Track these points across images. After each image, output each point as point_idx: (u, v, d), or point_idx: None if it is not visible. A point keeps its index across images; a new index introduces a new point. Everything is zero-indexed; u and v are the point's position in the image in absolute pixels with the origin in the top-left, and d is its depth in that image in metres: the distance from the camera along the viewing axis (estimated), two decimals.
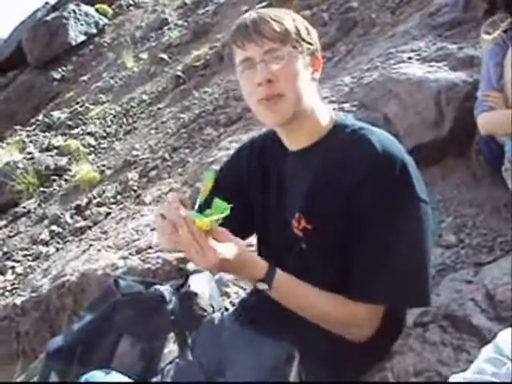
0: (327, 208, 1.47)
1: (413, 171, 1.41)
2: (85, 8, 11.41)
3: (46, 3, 12.85)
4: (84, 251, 3.94)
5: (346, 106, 3.42)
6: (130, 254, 3.34)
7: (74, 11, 11.17)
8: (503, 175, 2.38)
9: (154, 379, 1.73)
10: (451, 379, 1.02)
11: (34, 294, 3.69)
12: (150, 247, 3.30)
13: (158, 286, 2.01)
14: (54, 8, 12.01)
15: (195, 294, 1.85)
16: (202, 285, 1.96)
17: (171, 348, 2.00)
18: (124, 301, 1.87)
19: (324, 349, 1.46)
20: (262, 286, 1.43)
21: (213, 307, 1.85)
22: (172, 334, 1.94)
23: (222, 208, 1.35)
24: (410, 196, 1.39)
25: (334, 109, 3.39)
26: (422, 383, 0.89)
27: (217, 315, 1.81)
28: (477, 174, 2.65)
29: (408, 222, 1.40)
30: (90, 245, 4.03)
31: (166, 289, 2.03)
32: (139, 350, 1.82)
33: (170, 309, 1.91)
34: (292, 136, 1.55)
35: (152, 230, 3.61)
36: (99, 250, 3.70)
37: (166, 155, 5.63)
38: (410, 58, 3.59)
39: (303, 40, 1.47)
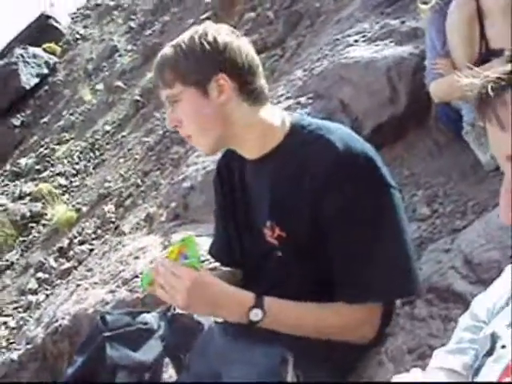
0: (296, 214, 1.45)
1: (377, 160, 1.41)
2: (32, 50, 11.31)
3: None
4: (72, 292, 3.90)
5: (302, 99, 3.42)
6: (117, 286, 3.31)
7: (22, 55, 11.07)
8: (465, 139, 2.39)
9: None
10: (435, 354, 1.02)
11: (29, 346, 3.64)
12: (136, 276, 3.27)
13: (144, 315, 2.00)
14: (1, 55, 11.90)
15: (181, 315, 1.83)
16: None
17: (170, 373, 1.99)
18: (113, 336, 1.86)
19: (318, 346, 1.45)
20: (255, 316, 1.41)
21: (201, 323, 1.83)
22: (167, 360, 1.93)
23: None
24: (379, 186, 1.39)
25: (290, 105, 3.40)
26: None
27: (206, 331, 1.80)
28: (440, 143, 2.66)
29: (384, 213, 1.39)
30: (78, 285, 3.99)
31: (153, 316, 2.01)
32: (137, 381, 1.80)
33: (160, 335, 1.90)
34: (242, 149, 1.55)
35: (135, 258, 3.58)
36: (87, 289, 3.66)
37: (138, 181, 5.60)
38: (356, 41, 3.61)
39: (191, 70, 1.43)
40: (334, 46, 3.81)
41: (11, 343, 4.48)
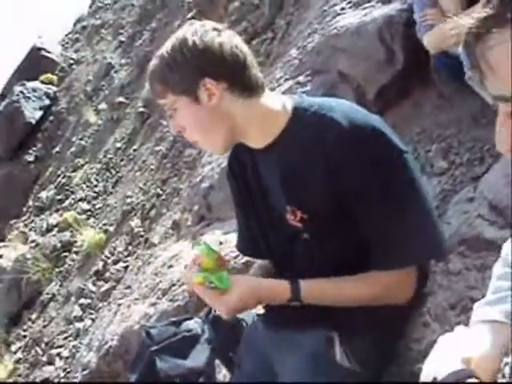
0: (313, 195, 1.45)
1: (383, 128, 1.39)
2: (31, 84, 11.41)
3: None
4: (116, 312, 3.95)
5: (301, 78, 3.40)
6: (157, 298, 3.34)
7: (22, 92, 11.17)
8: (469, 84, 2.36)
9: None
10: (475, 307, 1.02)
11: (85, 372, 3.70)
12: (173, 284, 3.30)
13: (187, 322, 2.02)
14: (2, 96, 12.02)
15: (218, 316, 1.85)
16: None
17: (224, 373, 2.00)
18: (160, 349, 1.88)
19: (362, 319, 1.45)
20: (294, 304, 1.46)
21: (243, 319, 1.84)
22: (217, 361, 1.94)
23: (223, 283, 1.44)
24: (392, 153, 1.38)
25: (290, 86, 3.38)
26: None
27: (250, 326, 1.81)
28: (444, 94, 2.63)
29: (401, 179, 1.39)
30: (119, 304, 4.04)
31: (196, 321, 2.04)
32: None
33: (206, 338, 1.92)
34: (249, 141, 1.53)
35: (169, 267, 3.61)
36: (129, 306, 3.71)
37: (158, 190, 5.63)
38: (343, 9, 3.56)
39: (179, 82, 1.44)
40: (323, 19, 3.77)
41: (68, 372, 4.56)
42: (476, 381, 0.84)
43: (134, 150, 7.11)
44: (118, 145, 7.68)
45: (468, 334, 0.96)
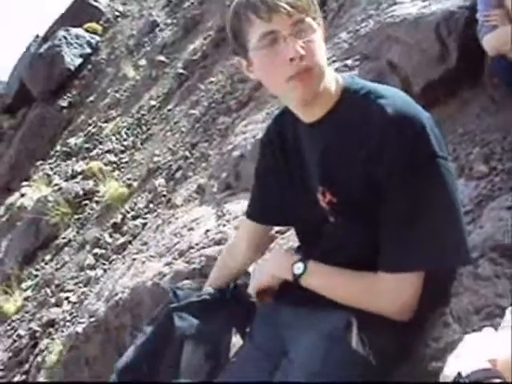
0: (347, 179, 1.44)
1: (429, 128, 1.36)
2: (74, 31, 11.45)
3: (37, 36, 12.93)
4: (129, 266, 3.98)
5: (349, 62, 3.37)
6: (174, 258, 3.36)
7: (65, 37, 11.22)
8: None
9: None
10: (508, 311, 1.00)
11: (92, 319, 3.75)
12: (191, 247, 3.31)
13: (208, 287, 2.03)
14: (45, 39, 12.07)
15: (242, 286, 1.85)
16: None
17: (237, 340, 2.00)
18: (179, 306, 1.89)
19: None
20: (298, 269, 1.51)
21: None
22: (234, 329, 1.95)
23: None
24: (428, 155, 1.34)
25: (337, 68, 3.34)
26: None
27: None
28: (495, 98, 2.58)
29: (430, 183, 1.35)
30: (134, 259, 4.07)
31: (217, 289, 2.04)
32: (203, 352, 1.83)
33: (225, 305, 1.92)
34: (308, 109, 1.49)
35: (189, 230, 3.63)
36: (143, 262, 3.73)
37: (187, 153, 5.64)
38: None
39: (317, 11, 1.42)
40: (379, 5, 3.72)
41: (75, 317, 4.63)
42: (501, 381, 0.83)
43: (168, 110, 7.11)
44: (153, 103, 7.69)
45: (496, 337, 0.95)
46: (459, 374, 0.86)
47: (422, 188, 1.34)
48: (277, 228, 2.73)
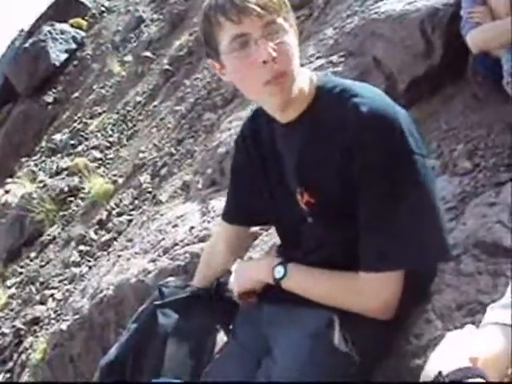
0: (324, 179, 1.43)
1: (406, 126, 1.34)
2: (59, 26, 11.36)
3: (21, 30, 12.83)
4: (114, 263, 3.97)
5: (334, 58, 3.35)
6: (158, 255, 3.35)
7: (50, 32, 11.13)
8: (505, 89, 2.32)
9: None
10: (489, 309, 1.00)
11: (76, 316, 3.73)
12: (176, 244, 3.30)
13: (193, 284, 2.02)
14: (30, 33, 11.98)
15: (225, 283, 1.84)
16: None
17: (222, 337, 2.00)
18: (164, 304, 1.88)
19: None
20: (278, 273, 1.53)
21: None
22: (218, 326, 1.94)
23: None
24: (405, 153, 1.33)
25: (322, 65, 3.34)
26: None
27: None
28: (478, 95, 2.58)
29: (407, 180, 1.34)
30: (119, 255, 4.06)
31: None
32: (187, 348, 1.82)
33: (209, 302, 1.92)
34: (283, 110, 1.47)
35: (174, 226, 3.61)
36: (128, 259, 3.72)
37: (172, 150, 5.62)
38: None
39: (289, 10, 1.41)
40: (364, 2, 3.71)
41: (59, 314, 4.60)
42: (482, 381, 0.83)
43: (154, 107, 7.08)
44: (139, 99, 7.66)
45: (478, 334, 0.95)
46: (440, 372, 0.86)
47: (400, 186, 1.33)
48: None
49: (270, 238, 2.62)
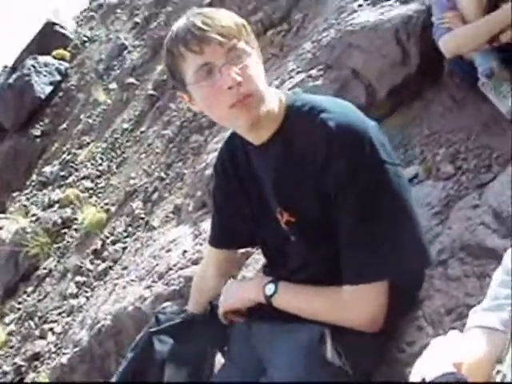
0: (301, 197, 1.45)
1: (374, 136, 1.36)
2: (43, 59, 11.38)
3: (5, 66, 12.85)
4: (111, 292, 3.95)
5: (313, 72, 3.38)
6: (153, 281, 3.34)
7: (34, 66, 11.15)
8: (482, 90, 2.34)
9: None
10: (471, 313, 1.01)
11: (76, 349, 3.71)
12: (170, 268, 3.30)
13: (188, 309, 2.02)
14: (14, 69, 12.00)
15: (217, 306, 1.85)
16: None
17: (219, 359, 2.00)
18: (160, 330, 1.88)
19: None
20: (269, 290, 1.54)
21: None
22: (214, 348, 1.94)
23: None
24: (375, 163, 1.34)
25: (302, 79, 3.36)
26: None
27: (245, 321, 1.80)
28: (457, 98, 2.61)
29: (380, 190, 1.35)
30: (115, 284, 4.04)
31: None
32: (185, 373, 1.82)
33: (205, 326, 1.92)
34: (255, 132, 1.49)
35: (167, 251, 3.61)
36: (124, 287, 3.71)
37: (162, 174, 5.62)
38: (360, 6, 3.54)
39: (250, 33, 1.43)
40: (339, 14, 3.75)
41: (59, 348, 4.57)
42: None
43: (141, 132, 7.09)
44: (126, 126, 7.67)
45: (461, 339, 0.96)
46: (423, 379, 0.87)
47: (373, 196, 1.34)
48: None
49: (261, 256, 2.62)
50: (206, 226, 3.45)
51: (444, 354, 0.92)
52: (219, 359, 1.92)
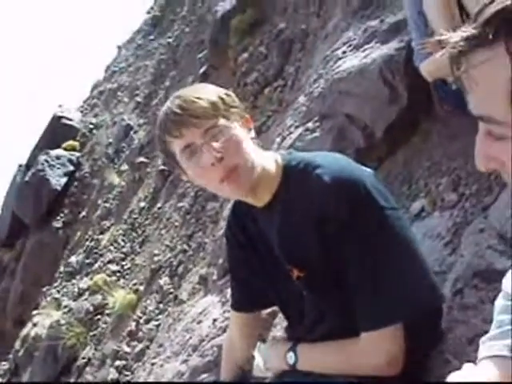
0: (306, 253, 1.49)
1: (370, 185, 1.41)
2: (54, 152, 11.68)
3: (20, 165, 13.18)
4: (150, 372, 3.95)
5: (310, 124, 3.45)
6: (188, 355, 3.34)
7: (47, 160, 11.44)
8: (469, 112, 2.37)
9: None
10: (481, 343, 1.01)
11: None
12: (203, 340, 3.30)
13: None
14: (28, 166, 12.30)
15: (249, 371, 1.85)
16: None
17: None
18: None
19: None
20: (290, 359, 1.56)
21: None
22: None
23: None
24: (375, 210, 1.39)
25: (300, 134, 3.43)
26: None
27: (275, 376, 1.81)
28: (451, 124, 2.64)
29: (383, 236, 1.39)
30: (152, 363, 4.04)
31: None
32: None
33: None
34: (254, 197, 1.56)
35: (198, 323, 3.62)
36: (162, 365, 3.71)
37: (185, 246, 5.67)
38: (344, 53, 3.63)
39: (230, 107, 1.49)
40: (326, 63, 3.84)
41: None
42: None
43: (158, 208, 7.19)
44: (142, 204, 7.78)
45: (474, 372, 0.96)
46: None
47: (377, 243, 1.38)
48: None
49: None
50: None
51: None
52: None
